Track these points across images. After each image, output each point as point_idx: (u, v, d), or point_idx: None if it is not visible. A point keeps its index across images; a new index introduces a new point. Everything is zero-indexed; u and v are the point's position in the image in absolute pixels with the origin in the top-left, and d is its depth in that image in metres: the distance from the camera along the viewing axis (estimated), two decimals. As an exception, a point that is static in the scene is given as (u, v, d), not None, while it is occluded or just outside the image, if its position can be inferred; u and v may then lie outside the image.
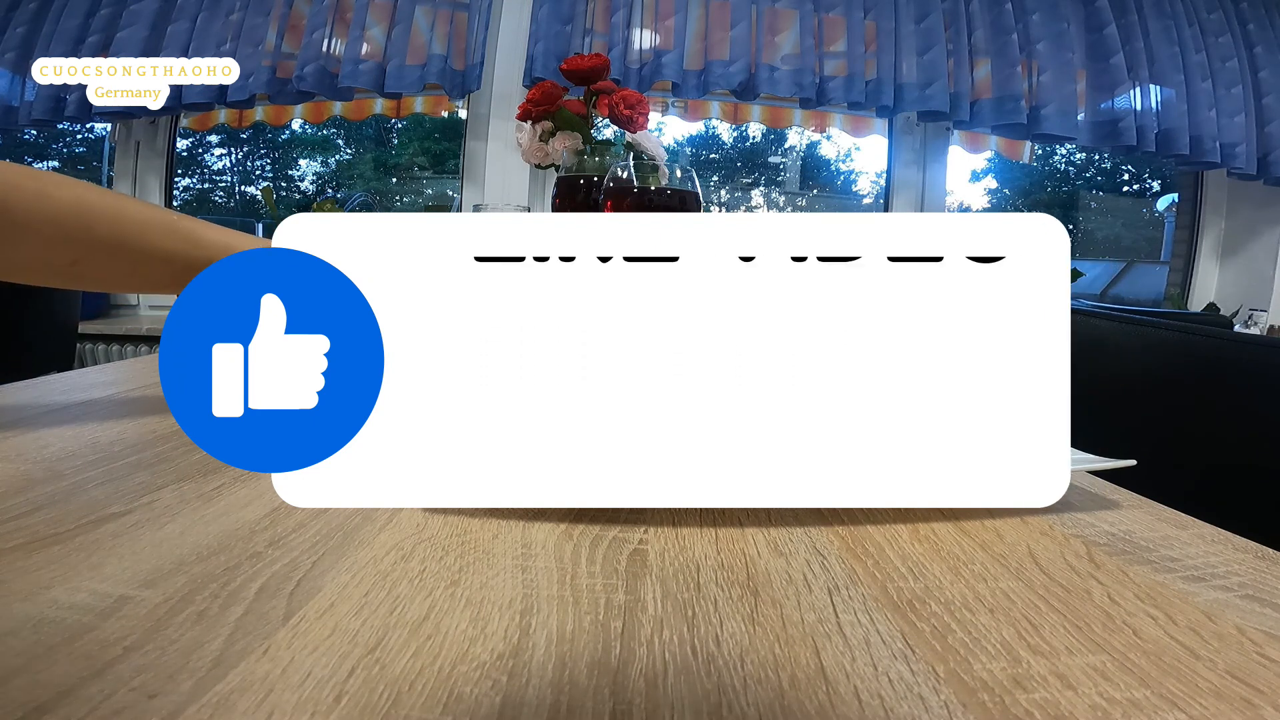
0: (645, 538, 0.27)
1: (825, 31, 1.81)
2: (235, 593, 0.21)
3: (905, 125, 2.04)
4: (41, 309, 1.31)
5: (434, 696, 0.17)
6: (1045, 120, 1.80)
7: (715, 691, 0.18)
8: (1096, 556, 0.27)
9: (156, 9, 1.70)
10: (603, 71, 0.83)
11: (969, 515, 0.31)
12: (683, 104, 2.10)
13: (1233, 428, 0.59)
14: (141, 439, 0.37)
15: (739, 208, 2.81)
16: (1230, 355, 0.60)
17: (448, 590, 0.22)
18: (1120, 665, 0.19)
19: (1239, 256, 2.15)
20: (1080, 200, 3.02)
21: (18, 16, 1.76)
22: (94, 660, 0.17)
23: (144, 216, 0.42)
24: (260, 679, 0.17)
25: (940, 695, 0.18)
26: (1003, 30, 1.82)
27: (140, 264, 0.42)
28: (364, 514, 0.28)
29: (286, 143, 2.73)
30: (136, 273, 0.43)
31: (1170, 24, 1.88)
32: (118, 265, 0.42)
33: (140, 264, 0.42)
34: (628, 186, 0.61)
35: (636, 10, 1.77)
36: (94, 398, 0.46)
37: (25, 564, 0.22)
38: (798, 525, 0.29)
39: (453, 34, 1.76)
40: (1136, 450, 0.36)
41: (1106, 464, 0.34)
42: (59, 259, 0.40)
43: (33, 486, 0.29)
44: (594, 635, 0.20)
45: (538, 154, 0.88)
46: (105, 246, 0.41)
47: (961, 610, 0.22)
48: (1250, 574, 0.26)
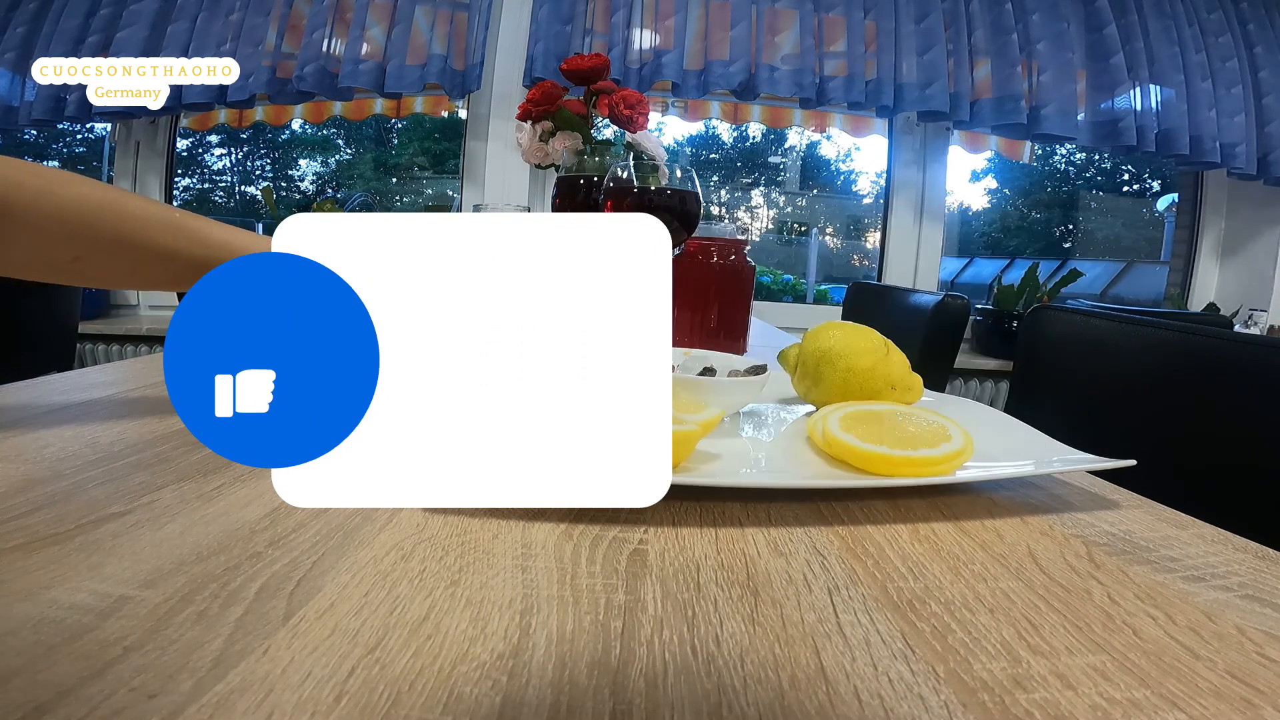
0: (645, 538, 0.27)
1: (825, 31, 1.81)
2: (235, 593, 0.21)
3: (905, 125, 2.04)
4: (42, 309, 1.31)
5: (434, 696, 0.17)
6: (1045, 120, 1.80)
7: (715, 691, 0.18)
8: (1096, 556, 0.27)
9: (156, 9, 1.70)
10: (603, 71, 0.83)
11: (969, 515, 0.31)
12: (683, 104, 2.10)
13: (1233, 428, 0.59)
14: (141, 439, 0.37)
15: (739, 208, 2.81)
16: (1230, 355, 0.60)
17: (448, 590, 0.22)
18: (1120, 665, 0.20)
19: (1239, 256, 2.15)
20: (1080, 200, 3.02)
21: (18, 16, 1.76)
22: (94, 660, 0.17)
23: (146, 213, 0.42)
24: (260, 679, 0.17)
25: (940, 695, 0.18)
26: (1003, 30, 1.82)
27: (142, 262, 0.42)
28: (364, 514, 0.28)
29: (286, 143, 2.73)
30: (139, 270, 0.43)
31: (1170, 24, 1.89)
32: (120, 263, 0.42)
33: (142, 262, 0.42)
34: (628, 186, 0.61)
35: (636, 10, 1.77)
36: (94, 398, 0.46)
37: (25, 564, 0.22)
38: (798, 525, 0.29)
39: (453, 34, 1.76)
40: (1136, 450, 0.36)
41: (1106, 464, 0.34)
42: (61, 256, 0.40)
43: (33, 486, 0.29)
44: (594, 635, 0.20)
45: (538, 154, 0.88)
46: (107, 244, 0.40)
47: (961, 610, 0.22)
48: (1250, 574, 0.26)
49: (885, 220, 2.11)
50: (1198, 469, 0.59)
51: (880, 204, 2.20)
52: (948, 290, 1.62)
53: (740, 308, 0.74)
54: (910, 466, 0.33)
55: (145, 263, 0.42)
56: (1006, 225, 3.04)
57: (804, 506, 0.31)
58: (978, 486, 0.35)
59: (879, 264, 2.13)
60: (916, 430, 0.36)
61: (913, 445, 0.33)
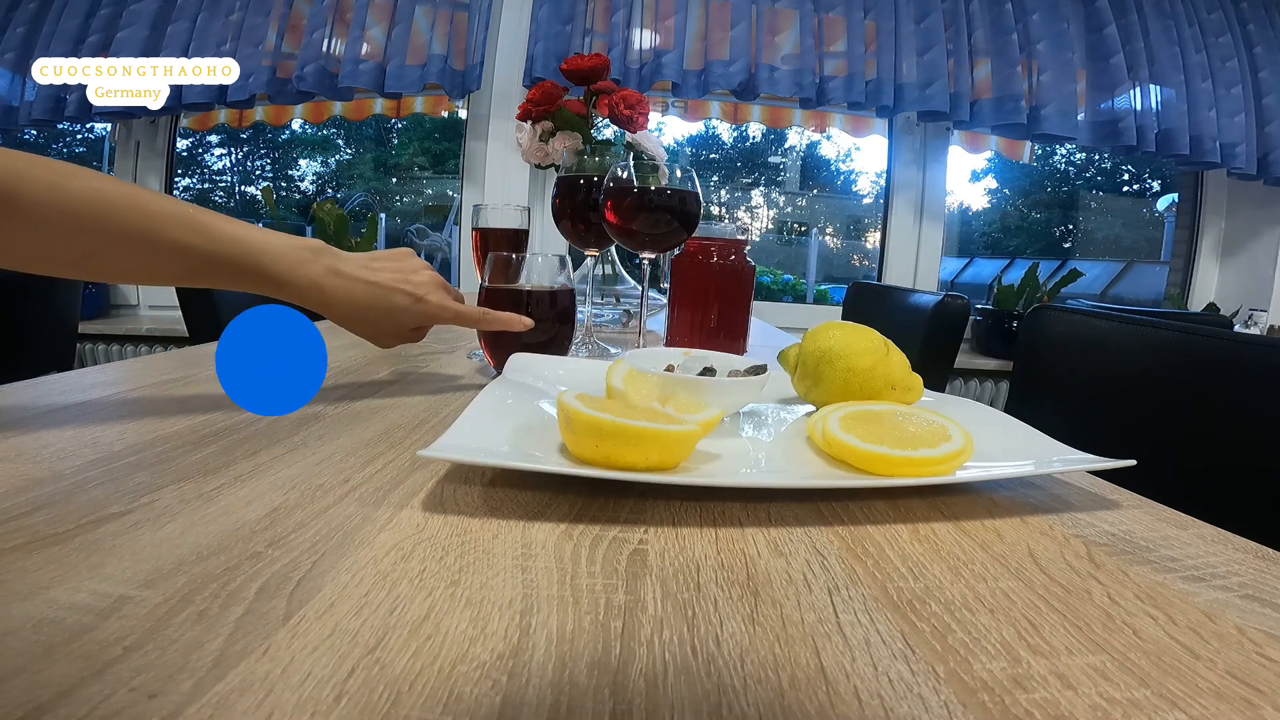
0: (645, 538, 0.27)
1: (825, 31, 1.81)
2: (235, 593, 0.21)
3: (905, 125, 2.04)
4: (42, 309, 1.31)
5: (434, 696, 0.17)
6: (1045, 120, 1.80)
7: (715, 691, 0.18)
8: (1096, 556, 0.27)
9: (156, 9, 1.71)
10: (603, 71, 0.83)
11: (969, 515, 0.31)
12: (683, 104, 2.10)
13: (1233, 428, 0.59)
14: (141, 439, 0.37)
15: (739, 208, 2.81)
16: (1230, 355, 0.60)
17: (448, 590, 0.22)
18: (1120, 665, 0.20)
19: (1239, 256, 2.15)
20: (1080, 200, 3.02)
21: (18, 16, 1.76)
22: (94, 660, 0.17)
23: (159, 208, 0.42)
24: (260, 679, 0.17)
25: (940, 695, 0.18)
26: (1003, 30, 1.82)
27: (155, 256, 0.42)
28: (364, 514, 0.28)
29: (286, 143, 2.73)
30: (151, 264, 0.43)
31: (1170, 24, 1.89)
32: (133, 257, 0.42)
33: (155, 256, 0.42)
34: (628, 186, 0.61)
35: (636, 10, 1.77)
36: (94, 398, 0.46)
37: (25, 564, 0.22)
38: (798, 525, 0.29)
39: (453, 34, 1.76)
40: (1136, 450, 0.36)
41: (1106, 464, 0.34)
42: (73, 250, 0.40)
43: (33, 486, 0.29)
44: (594, 635, 0.20)
45: (538, 154, 0.88)
46: (120, 238, 0.40)
47: (961, 610, 0.22)
48: (1250, 574, 0.26)
49: (885, 220, 2.11)
50: (1198, 469, 0.59)
51: (880, 204, 2.20)
52: (948, 290, 1.62)
53: (740, 308, 0.74)
54: (910, 466, 0.33)
55: (158, 257, 0.42)
56: (1006, 225, 3.04)
57: (804, 506, 0.31)
58: (978, 486, 0.35)
59: (879, 264, 2.14)
60: (916, 430, 0.36)
61: (913, 445, 0.33)
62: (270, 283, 0.45)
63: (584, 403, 0.33)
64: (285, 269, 0.45)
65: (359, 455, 0.36)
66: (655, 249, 0.64)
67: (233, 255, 0.43)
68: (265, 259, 0.45)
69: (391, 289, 0.50)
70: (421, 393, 0.52)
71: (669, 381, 0.41)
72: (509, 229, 0.78)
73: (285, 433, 0.39)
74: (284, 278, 0.45)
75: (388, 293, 0.50)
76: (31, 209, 0.37)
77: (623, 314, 0.97)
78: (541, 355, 0.53)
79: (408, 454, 0.36)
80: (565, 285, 0.58)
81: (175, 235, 0.42)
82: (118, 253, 0.41)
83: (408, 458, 0.36)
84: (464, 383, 0.57)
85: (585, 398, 0.34)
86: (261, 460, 0.34)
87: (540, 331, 0.55)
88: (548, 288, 0.57)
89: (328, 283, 0.47)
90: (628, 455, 0.31)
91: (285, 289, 0.46)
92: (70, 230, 0.39)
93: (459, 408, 0.43)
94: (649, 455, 0.31)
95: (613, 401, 0.38)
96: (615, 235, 0.64)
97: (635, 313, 0.96)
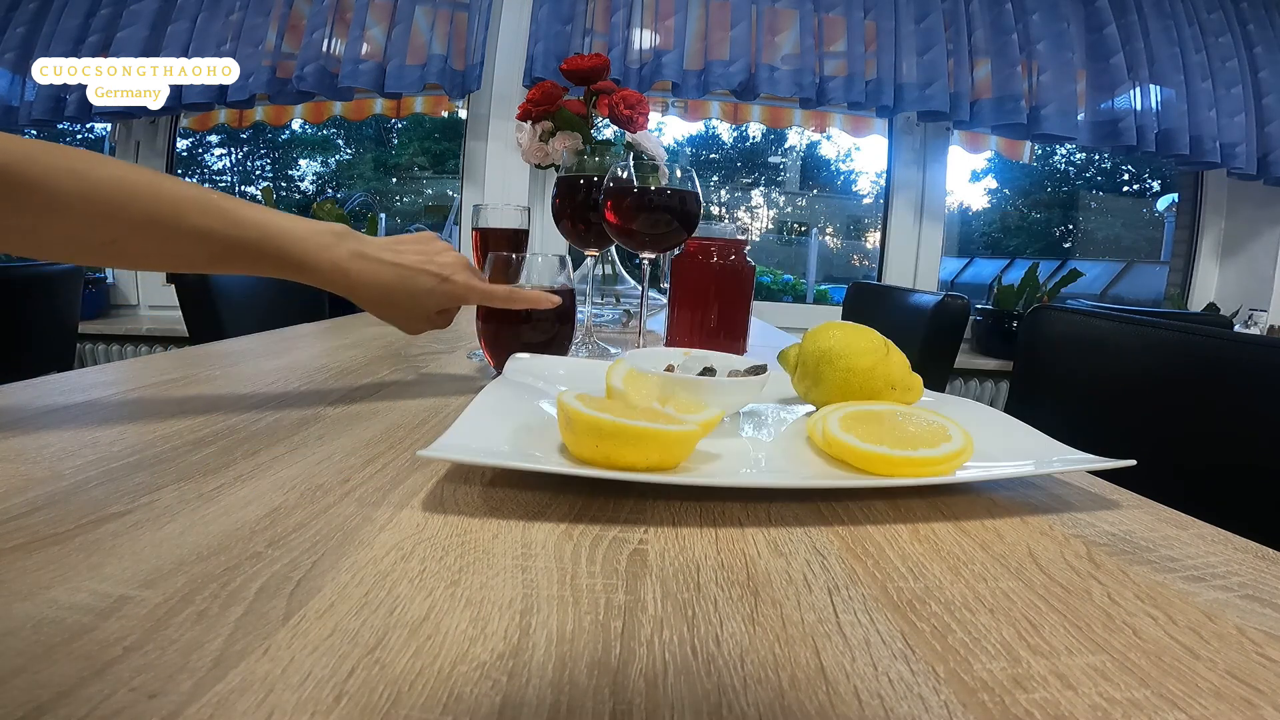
0: (645, 538, 0.27)
1: (825, 31, 1.81)
2: (235, 593, 0.21)
3: (905, 125, 2.04)
4: (42, 309, 1.31)
5: (434, 696, 0.17)
6: (1045, 120, 1.80)
7: (715, 691, 0.18)
8: (1096, 556, 0.27)
9: (156, 9, 1.70)
10: (603, 71, 0.83)
11: (969, 515, 0.31)
12: (683, 104, 2.09)
13: (1233, 428, 0.59)
14: (141, 439, 0.37)
15: (739, 208, 2.81)
16: (1230, 355, 0.60)
17: (448, 590, 0.22)
18: (1120, 665, 0.20)
19: (1239, 256, 2.15)
20: (1080, 200, 3.02)
21: (18, 16, 1.76)
22: (94, 660, 0.17)
23: (181, 194, 0.42)
24: (260, 679, 0.17)
25: (940, 695, 0.18)
26: (1003, 30, 1.82)
27: (176, 242, 0.42)
28: (364, 514, 0.28)
29: (286, 143, 2.73)
30: (174, 251, 0.43)
31: (1170, 24, 1.89)
32: (155, 243, 0.42)
33: (176, 242, 0.42)
34: (628, 186, 0.61)
35: (636, 10, 1.77)
36: (94, 398, 0.46)
37: (25, 564, 0.22)
38: (798, 525, 0.29)
39: (453, 34, 1.76)
40: (1136, 450, 0.36)
41: (1106, 464, 0.34)
42: (96, 237, 0.40)
43: (33, 486, 0.29)
44: (594, 635, 0.20)
45: (538, 154, 0.88)
46: (141, 225, 0.40)
47: (961, 610, 0.22)
48: (1250, 574, 0.26)
49: (885, 220, 2.11)
50: (1198, 469, 0.59)
51: (880, 204, 2.20)
52: (948, 290, 1.62)
53: (740, 308, 0.74)
54: (910, 466, 0.33)
55: (180, 242, 0.42)
56: (1006, 225, 3.04)
57: (804, 506, 0.31)
58: (978, 486, 0.35)
59: (879, 264, 2.13)
60: (916, 430, 0.36)
61: (913, 445, 0.33)
62: (293, 267, 0.45)
63: (584, 403, 0.33)
64: (308, 253, 0.45)
65: (359, 455, 0.36)
66: (655, 249, 0.64)
67: (255, 240, 0.43)
68: (287, 243, 0.44)
69: (417, 270, 0.49)
70: (421, 393, 0.52)
71: (669, 381, 0.41)
72: (509, 229, 0.78)
73: (285, 433, 0.39)
74: (307, 262, 0.45)
75: (413, 274, 0.49)
76: (55, 197, 0.37)
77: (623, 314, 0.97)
78: (541, 355, 0.53)
79: (408, 454, 0.36)
80: (565, 285, 0.58)
81: (196, 221, 0.41)
82: (140, 239, 0.41)
83: (408, 458, 0.36)
84: (464, 383, 0.57)
85: (585, 398, 0.34)
86: (261, 460, 0.34)
87: (540, 331, 0.55)
88: (548, 288, 0.57)
89: (352, 266, 0.47)
90: (628, 455, 0.31)
91: (308, 273, 0.46)
92: (93, 217, 0.39)
93: (459, 408, 0.43)
94: (649, 455, 0.31)
95: (613, 401, 0.38)
96: (615, 235, 0.64)
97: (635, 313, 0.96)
